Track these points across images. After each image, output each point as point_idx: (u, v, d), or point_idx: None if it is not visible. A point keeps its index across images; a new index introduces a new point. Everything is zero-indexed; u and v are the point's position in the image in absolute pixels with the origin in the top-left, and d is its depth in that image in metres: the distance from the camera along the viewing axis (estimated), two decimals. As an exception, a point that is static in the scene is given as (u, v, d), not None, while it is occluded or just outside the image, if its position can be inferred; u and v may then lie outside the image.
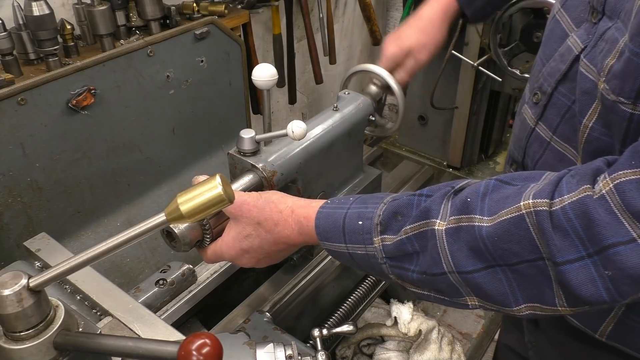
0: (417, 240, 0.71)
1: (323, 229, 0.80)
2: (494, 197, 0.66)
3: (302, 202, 0.85)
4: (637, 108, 0.66)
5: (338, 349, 1.93)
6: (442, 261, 0.68)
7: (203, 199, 0.59)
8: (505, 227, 0.63)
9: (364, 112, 1.28)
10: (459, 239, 0.67)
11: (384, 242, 0.73)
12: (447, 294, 0.71)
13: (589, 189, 0.59)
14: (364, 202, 0.79)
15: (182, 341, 0.56)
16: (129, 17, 1.62)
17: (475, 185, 0.70)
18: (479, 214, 0.65)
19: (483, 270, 0.66)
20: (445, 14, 1.23)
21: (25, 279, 0.58)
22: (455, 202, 0.69)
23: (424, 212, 0.71)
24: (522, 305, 0.66)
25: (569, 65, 0.83)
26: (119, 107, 1.44)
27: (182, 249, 0.94)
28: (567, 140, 0.83)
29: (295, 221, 0.83)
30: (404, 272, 0.73)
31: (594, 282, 0.59)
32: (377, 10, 2.96)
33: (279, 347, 0.86)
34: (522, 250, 0.62)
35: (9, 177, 1.26)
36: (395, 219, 0.73)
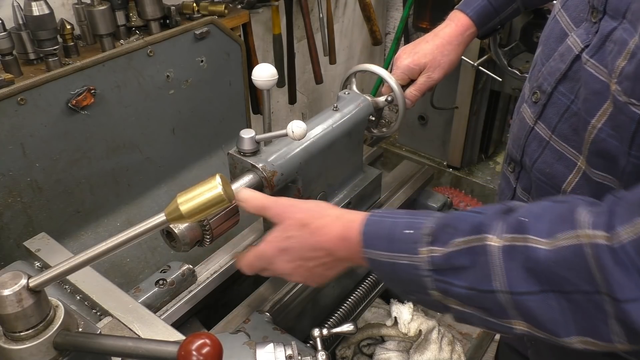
0: (468, 254, 0.68)
1: (369, 235, 0.78)
2: (550, 217, 0.65)
3: (351, 211, 0.85)
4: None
5: (338, 349, 1.93)
6: (494, 279, 0.66)
7: (203, 199, 0.59)
8: (563, 254, 0.61)
9: (364, 112, 1.28)
10: (514, 258, 0.65)
11: (432, 253, 0.71)
12: (493, 313, 0.69)
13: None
14: (414, 214, 0.77)
15: (182, 341, 0.56)
16: (129, 17, 1.62)
17: (529, 206, 0.69)
18: (535, 235, 0.64)
19: (536, 294, 0.64)
20: (462, 35, 1.24)
21: (25, 279, 0.58)
22: (510, 220, 0.67)
23: (477, 226, 0.69)
24: (573, 337, 0.64)
25: (569, 65, 0.83)
26: (119, 107, 1.44)
27: (182, 249, 0.94)
28: (566, 140, 0.83)
29: (340, 226, 0.82)
30: (450, 287, 0.70)
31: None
32: (377, 10, 2.96)
33: (279, 347, 0.86)
34: (579, 280, 0.61)
35: (9, 177, 1.26)
36: (445, 231, 0.71)
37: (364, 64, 1.30)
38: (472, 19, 1.23)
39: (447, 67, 1.24)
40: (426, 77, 1.24)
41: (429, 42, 1.26)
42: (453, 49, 1.23)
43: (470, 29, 1.24)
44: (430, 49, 1.24)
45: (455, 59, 1.25)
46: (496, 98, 2.67)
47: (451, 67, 1.25)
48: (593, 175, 0.79)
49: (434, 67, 1.23)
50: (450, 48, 1.23)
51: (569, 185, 0.83)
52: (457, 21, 1.25)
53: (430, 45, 1.25)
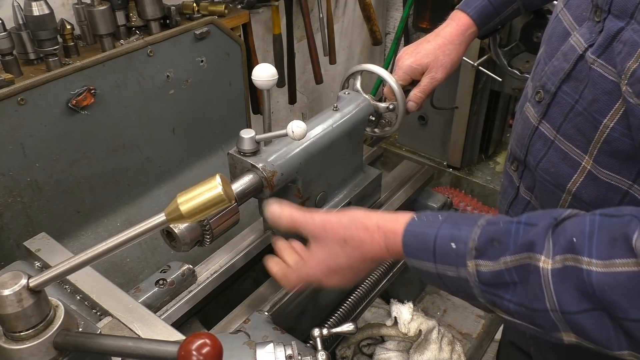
0: (517, 272, 0.68)
1: (411, 248, 0.77)
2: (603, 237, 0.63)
3: (388, 216, 0.83)
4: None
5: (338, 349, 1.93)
6: (546, 299, 0.66)
7: (203, 199, 0.59)
8: (619, 280, 0.60)
9: (364, 112, 1.28)
10: (565, 280, 0.64)
11: (478, 267, 0.71)
12: (544, 328, 0.69)
13: None
14: (456, 222, 0.76)
15: (182, 341, 0.56)
16: (129, 17, 1.62)
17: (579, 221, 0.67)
18: (587, 256, 0.63)
19: (588, 312, 0.64)
20: (464, 35, 1.24)
21: (25, 279, 0.58)
22: (559, 239, 0.66)
23: (526, 245, 0.68)
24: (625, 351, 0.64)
25: (573, 64, 0.82)
26: (119, 107, 1.44)
27: (182, 249, 0.94)
28: (571, 140, 0.83)
29: (382, 237, 0.81)
30: (499, 300, 0.71)
31: None
32: (377, 10, 2.96)
33: (279, 347, 0.86)
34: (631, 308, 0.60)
35: (9, 177, 1.26)
36: (492, 246, 0.70)
37: (363, 64, 1.30)
38: (472, 18, 1.23)
39: (450, 67, 1.24)
40: (429, 78, 1.23)
41: (430, 42, 1.25)
42: (455, 48, 1.23)
43: (470, 29, 1.24)
44: (432, 48, 1.24)
45: (457, 59, 1.25)
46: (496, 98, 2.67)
47: (453, 66, 1.25)
48: (601, 174, 0.79)
49: (436, 67, 1.22)
50: (452, 47, 1.23)
51: (573, 185, 0.83)
52: (458, 21, 1.25)
53: (431, 45, 1.25)
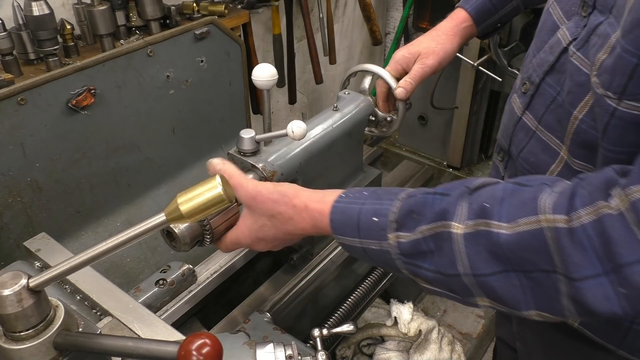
0: (433, 240, 0.71)
1: (338, 224, 0.81)
2: (512, 202, 0.67)
3: (317, 195, 0.85)
4: (621, 103, 0.68)
5: (338, 349, 1.93)
6: (458, 263, 0.69)
7: (203, 199, 0.59)
8: (524, 237, 0.64)
9: (364, 112, 1.28)
10: (476, 243, 0.67)
11: (399, 239, 0.74)
12: (460, 293, 0.73)
13: (605, 205, 0.60)
14: (379, 197, 0.79)
15: (182, 341, 0.56)
16: (129, 17, 1.62)
17: (492, 188, 0.71)
18: (497, 220, 0.66)
19: (498, 274, 0.67)
20: (458, 27, 1.24)
21: (25, 279, 0.58)
22: (473, 205, 0.69)
23: (440, 213, 0.71)
24: (532, 311, 0.68)
25: (557, 57, 0.85)
26: (119, 107, 1.44)
27: (182, 249, 0.94)
28: (551, 130, 0.86)
29: (309, 216, 0.84)
30: (418, 270, 0.74)
31: (609, 299, 0.60)
32: (377, 10, 2.96)
33: (279, 347, 0.86)
34: (539, 260, 0.64)
35: (9, 177, 1.26)
36: (410, 217, 0.74)
37: (363, 64, 1.29)
38: (470, 13, 1.24)
39: (442, 55, 1.22)
40: (420, 64, 1.22)
41: (425, 35, 1.26)
42: (448, 39, 1.23)
43: (466, 22, 1.25)
44: (424, 38, 1.25)
45: (451, 49, 1.24)
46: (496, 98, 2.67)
47: (446, 56, 1.23)
48: (574, 164, 0.81)
49: (427, 54, 1.22)
50: (445, 37, 1.23)
51: (551, 175, 0.86)
52: (455, 15, 1.26)
53: (425, 36, 1.25)
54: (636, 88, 0.66)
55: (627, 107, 0.68)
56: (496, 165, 1.06)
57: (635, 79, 0.66)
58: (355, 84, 1.35)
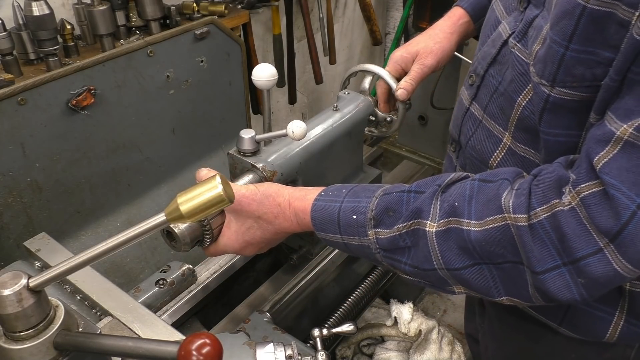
0: (409, 237, 0.77)
1: (319, 221, 0.85)
2: (479, 200, 0.73)
3: (299, 193, 0.89)
4: (553, 90, 0.74)
5: (338, 349, 1.93)
6: (433, 259, 0.75)
7: (203, 199, 0.59)
8: (492, 234, 0.70)
9: (364, 112, 1.28)
10: (448, 240, 0.73)
11: (377, 235, 0.79)
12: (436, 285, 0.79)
13: (558, 203, 0.66)
14: (356, 195, 0.84)
15: (182, 341, 0.56)
16: (129, 17, 1.62)
17: (461, 187, 0.76)
18: (467, 218, 0.72)
19: (470, 267, 0.73)
20: (455, 24, 1.25)
21: (25, 279, 0.58)
22: (444, 204, 0.75)
23: (414, 211, 0.77)
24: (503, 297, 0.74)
25: (498, 49, 0.91)
26: (119, 107, 1.44)
27: (182, 249, 0.94)
28: (494, 118, 0.91)
29: (293, 214, 0.87)
30: (397, 263, 0.80)
31: (569, 288, 0.67)
32: (377, 10, 2.96)
33: (279, 347, 0.86)
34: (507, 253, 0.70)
35: (9, 177, 1.26)
36: (387, 215, 0.79)
37: (363, 64, 1.29)
38: (466, 10, 1.25)
39: (440, 54, 1.22)
40: (419, 64, 1.22)
41: (422, 34, 1.27)
42: (445, 36, 1.23)
43: (463, 19, 1.25)
44: (422, 38, 1.25)
45: (448, 47, 1.24)
46: (496, 98, 2.67)
47: (444, 54, 1.23)
48: (518, 149, 0.87)
49: (426, 54, 1.22)
50: (442, 35, 1.23)
51: (494, 160, 0.92)
52: (451, 13, 1.27)
53: (423, 36, 1.26)
54: (565, 75, 0.72)
55: (558, 94, 0.74)
56: (449, 156, 1.12)
57: (563, 67, 0.71)
58: (355, 84, 1.35)
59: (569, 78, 0.71)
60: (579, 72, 0.70)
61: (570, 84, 0.72)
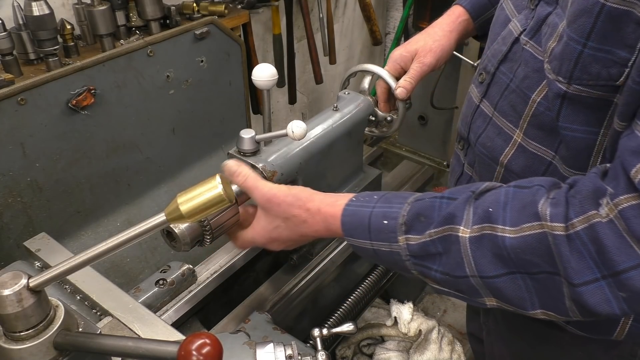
0: (441, 243, 0.75)
1: (349, 227, 0.84)
2: (514, 206, 0.71)
3: (330, 199, 0.88)
4: (570, 87, 0.74)
5: (338, 349, 1.93)
6: (466, 266, 0.73)
7: (203, 199, 0.59)
8: (528, 241, 0.68)
9: (364, 112, 1.28)
10: (482, 247, 0.71)
11: (408, 241, 0.77)
12: (467, 294, 0.76)
13: (596, 214, 0.64)
14: (388, 201, 0.82)
15: (182, 341, 0.56)
16: (129, 17, 1.62)
17: (495, 193, 0.74)
18: (502, 224, 0.70)
19: (504, 276, 0.71)
20: (454, 22, 1.24)
21: (25, 279, 0.58)
22: (478, 210, 0.73)
23: (447, 217, 0.75)
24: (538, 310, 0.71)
25: (509, 47, 0.91)
26: (119, 107, 1.44)
27: (182, 248, 0.94)
28: (505, 115, 0.91)
29: (322, 219, 0.87)
30: (427, 271, 0.77)
31: (609, 302, 0.65)
32: (377, 10, 2.96)
33: (279, 347, 0.86)
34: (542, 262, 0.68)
35: (9, 177, 1.26)
36: (418, 220, 0.77)
37: (363, 64, 1.29)
38: (466, 8, 1.24)
39: (439, 52, 1.22)
40: (418, 63, 1.22)
41: (421, 33, 1.26)
42: (444, 34, 1.23)
43: (462, 17, 1.25)
44: (421, 36, 1.24)
45: (448, 45, 1.23)
46: (496, 98, 2.67)
47: (443, 52, 1.23)
48: (529, 146, 0.86)
49: (425, 52, 1.21)
50: (441, 33, 1.23)
51: (505, 157, 0.91)
52: (450, 11, 1.27)
53: (422, 34, 1.25)
54: (582, 73, 0.72)
55: (575, 91, 0.73)
56: (457, 154, 1.11)
57: (580, 64, 0.71)
58: (355, 84, 1.35)
59: (585, 76, 0.71)
60: (595, 71, 0.70)
61: (587, 82, 0.72)
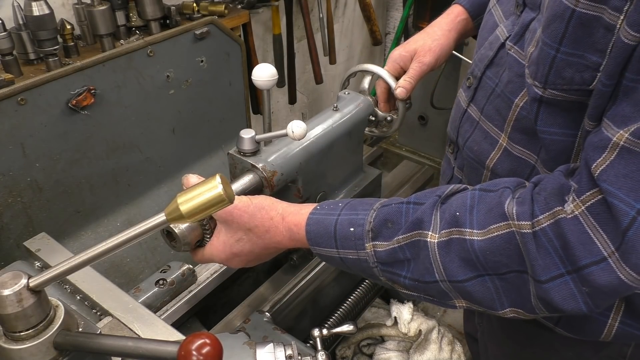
0: (410, 249, 0.75)
1: (314, 235, 0.82)
2: (481, 209, 0.72)
3: (293, 208, 0.87)
4: (546, 92, 0.74)
5: (338, 349, 1.93)
6: (435, 271, 0.73)
7: (203, 199, 0.59)
8: (496, 242, 0.69)
9: (364, 112, 1.28)
10: (450, 251, 0.72)
11: (375, 248, 0.77)
12: (438, 297, 0.76)
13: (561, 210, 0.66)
14: (354, 208, 0.82)
15: (182, 341, 0.56)
16: (129, 17, 1.62)
17: (461, 197, 0.75)
18: (469, 228, 0.71)
19: (473, 279, 0.71)
20: (453, 21, 1.24)
21: (25, 279, 0.58)
22: (445, 215, 0.74)
23: (415, 222, 0.75)
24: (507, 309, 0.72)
25: (495, 52, 0.92)
26: (119, 107, 1.44)
27: (182, 249, 0.94)
28: (491, 119, 0.91)
29: (286, 228, 0.85)
30: (396, 277, 0.77)
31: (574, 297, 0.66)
32: (377, 10, 2.96)
33: (279, 347, 0.86)
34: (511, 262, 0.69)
35: (9, 177, 1.26)
36: (386, 226, 0.77)
37: (363, 64, 1.29)
38: (465, 7, 1.24)
39: (439, 52, 1.21)
40: (418, 62, 1.21)
41: (420, 32, 1.26)
42: (443, 34, 1.23)
43: (461, 16, 1.24)
44: (420, 36, 1.24)
45: (447, 44, 1.23)
46: (496, 98, 2.67)
47: (442, 51, 1.22)
48: (514, 150, 0.87)
49: (424, 52, 1.21)
50: (441, 33, 1.22)
51: (491, 161, 0.92)
52: (450, 10, 1.27)
53: (421, 34, 1.25)
54: (556, 78, 0.72)
55: (551, 95, 0.74)
56: (447, 158, 1.12)
57: (554, 69, 0.72)
58: (355, 84, 1.35)
59: (559, 80, 0.72)
60: (569, 75, 0.71)
61: (561, 86, 0.72)
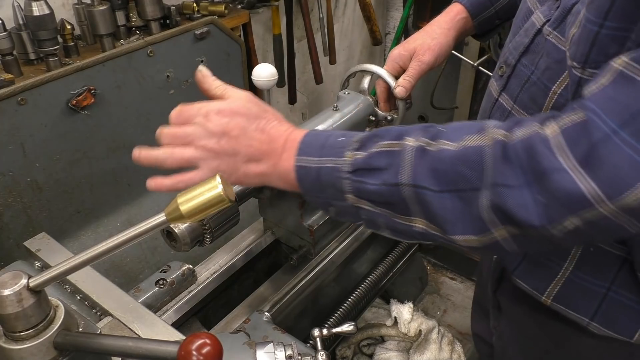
0: (387, 157, 0.75)
1: (305, 143, 0.82)
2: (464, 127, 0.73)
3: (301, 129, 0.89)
4: (585, 72, 0.71)
5: (338, 349, 1.93)
6: (402, 172, 0.73)
7: (203, 199, 0.59)
8: (467, 153, 0.69)
9: (364, 112, 1.28)
10: (423, 158, 0.72)
11: (355, 156, 0.77)
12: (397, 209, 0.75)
13: (538, 127, 0.65)
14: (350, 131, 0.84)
15: (182, 341, 0.56)
16: (129, 17, 1.62)
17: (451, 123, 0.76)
18: (447, 140, 0.71)
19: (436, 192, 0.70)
20: (453, 20, 1.23)
21: (25, 279, 0.58)
22: (431, 129, 0.75)
23: (400, 134, 0.76)
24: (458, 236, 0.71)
25: (531, 39, 0.90)
26: (119, 107, 1.44)
27: (182, 248, 0.94)
28: (525, 108, 0.90)
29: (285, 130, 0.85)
30: (364, 186, 0.76)
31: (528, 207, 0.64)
32: (377, 10, 2.96)
33: (279, 347, 0.86)
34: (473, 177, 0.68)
35: (9, 177, 1.26)
36: (372, 140, 0.78)
37: (362, 64, 1.29)
38: (464, 6, 1.24)
39: (438, 50, 1.21)
40: (417, 61, 1.20)
41: (419, 31, 1.25)
42: (443, 32, 1.22)
43: (460, 14, 1.23)
44: (420, 35, 1.23)
45: (446, 43, 1.22)
46: (496, 98, 2.67)
47: (442, 50, 1.21)
48: None
49: (423, 50, 1.20)
50: (440, 32, 1.22)
51: None
52: (449, 9, 1.26)
53: (420, 33, 1.24)
54: (597, 56, 0.69)
55: (590, 75, 0.71)
56: None
57: (596, 46, 0.69)
58: (355, 84, 1.35)
59: (602, 58, 0.68)
60: (614, 52, 0.67)
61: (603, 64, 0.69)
